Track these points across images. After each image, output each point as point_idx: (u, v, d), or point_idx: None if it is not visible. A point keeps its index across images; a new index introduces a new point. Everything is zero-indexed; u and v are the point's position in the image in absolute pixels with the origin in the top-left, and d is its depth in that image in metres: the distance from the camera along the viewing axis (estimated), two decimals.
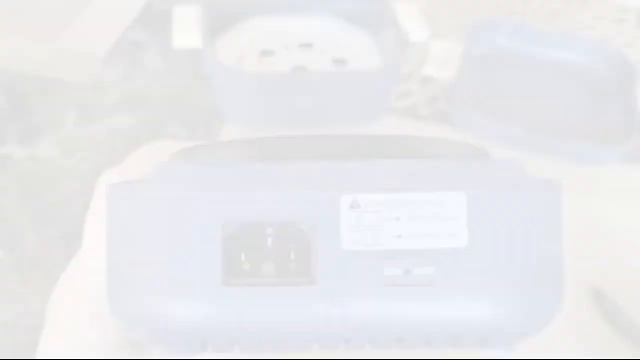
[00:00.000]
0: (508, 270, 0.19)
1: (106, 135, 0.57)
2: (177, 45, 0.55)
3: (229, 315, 0.19)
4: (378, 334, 0.20)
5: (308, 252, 0.20)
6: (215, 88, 0.58)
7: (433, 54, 0.63)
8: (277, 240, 0.20)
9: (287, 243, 0.20)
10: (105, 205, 0.23)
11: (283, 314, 0.19)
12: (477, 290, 0.19)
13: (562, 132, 0.60)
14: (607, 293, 0.46)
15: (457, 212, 0.19)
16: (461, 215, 0.19)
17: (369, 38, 0.66)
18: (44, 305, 0.44)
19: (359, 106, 0.57)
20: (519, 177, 0.21)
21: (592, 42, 0.69)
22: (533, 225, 0.20)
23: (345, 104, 0.56)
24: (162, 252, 0.20)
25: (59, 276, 0.46)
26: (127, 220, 0.21)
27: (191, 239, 0.19)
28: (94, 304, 0.26)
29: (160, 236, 0.20)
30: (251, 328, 0.20)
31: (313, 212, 0.19)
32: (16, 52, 0.66)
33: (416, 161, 0.20)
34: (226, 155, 0.22)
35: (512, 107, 0.64)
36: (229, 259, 0.19)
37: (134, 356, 0.27)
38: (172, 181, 0.20)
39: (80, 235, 0.49)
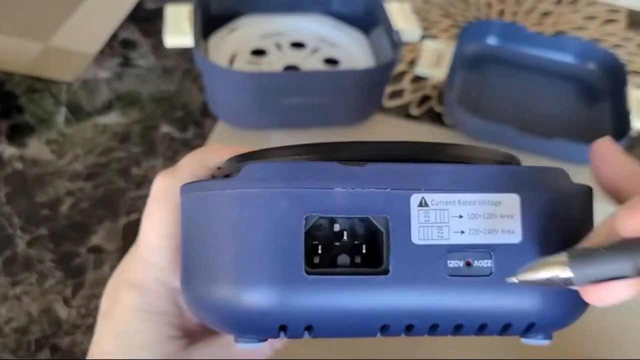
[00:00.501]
0: None
1: (97, 134, 0.57)
2: (169, 44, 0.55)
3: (308, 302, 0.21)
4: (441, 320, 0.22)
5: (380, 245, 0.22)
6: (207, 87, 0.59)
7: (425, 54, 0.63)
8: (352, 233, 0.22)
9: (361, 237, 0.22)
10: (182, 203, 0.25)
11: (357, 301, 0.21)
12: (528, 286, 0.21)
13: (552, 132, 0.60)
14: None
15: (512, 211, 0.22)
16: (516, 214, 0.22)
17: (361, 38, 0.66)
18: (33, 306, 0.44)
19: (351, 106, 0.57)
20: (563, 180, 0.24)
21: (582, 43, 0.69)
22: (574, 225, 0.23)
23: (338, 103, 0.56)
24: (245, 245, 0.21)
25: (49, 276, 0.46)
26: (207, 216, 0.23)
27: (274, 232, 0.21)
28: (150, 298, 0.27)
29: (243, 230, 0.21)
30: (328, 314, 0.22)
31: (385, 208, 0.22)
32: (6, 50, 0.65)
33: (475, 166, 0.23)
34: (294, 155, 0.24)
35: (503, 106, 0.64)
36: (310, 251, 0.21)
37: (186, 350, 0.28)
38: (253, 178, 0.22)
39: (69, 234, 0.49)
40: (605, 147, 0.25)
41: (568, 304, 0.23)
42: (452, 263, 0.22)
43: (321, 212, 0.21)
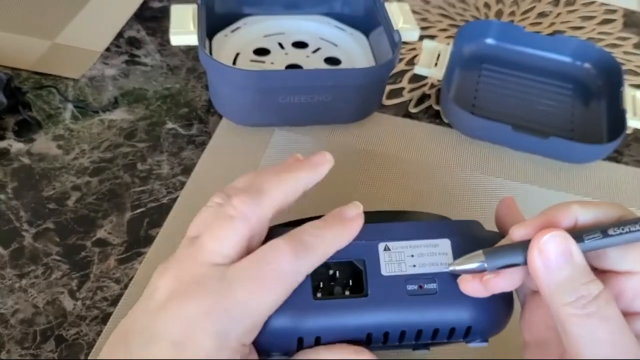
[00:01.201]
0: None
1: (103, 130, 0.58)
2: (174, 42, 0.55)
3: (316, 318, 0.31)
4: (406, 327, 0.31)
5: (361, 278, 0.31)
6: (211, 85, 0.59)
7: (424, 54, 0.63)
8: (341, 272, 0.32)
9: (347, 274, 0.32)
10: None
11: (348, 315, 0.31)
12: (462, 297, 0.30)
13: (548, 131, 0.61)
14: None
15: (446, 250, 0.32)
16: (449, 252, 0.32)
17: (361, 38, 0.67)
18: (39, 298, 0.45)
19: (351, 104, 0.58)
20: (478, 228, 0.34)
21: (578, 43, 0.70)
22: None
23: (338, 102, 0.57)
24: None
25: (55, 269, 0.47)
26: None
27: None
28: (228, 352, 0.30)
29: None
30: (330, 325, 0.31)
31: (362, 254, 0.32)
32: (14, 47, 0.66)
33: (419, 222, 0.34)
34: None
35: (500, 105, 0.65)
36: (314, 285, 0.31)
37: None
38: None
39: (75, 228, 0.50)
40: (506, 203, 0.35)
41: (494, 312, 0.32)
42: (410, 287, 0.31)
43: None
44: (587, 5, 0.84)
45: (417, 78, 0.67)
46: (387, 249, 0.32)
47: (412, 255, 0.32)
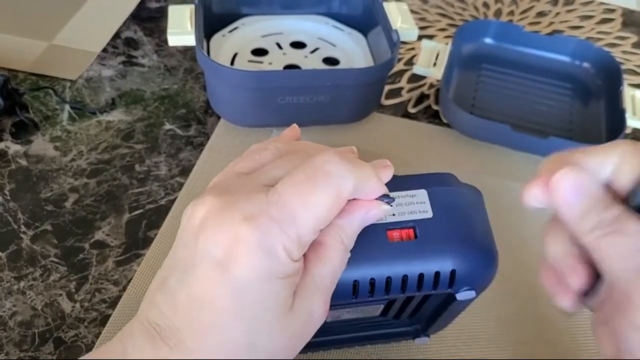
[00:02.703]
0: (459, 229, 0.32)
1: (101, 131, 0.58)
2: (171, 43, 0.55)
3: None
4: (391, 273, 0.31)
5: None
6: (209, 85, 0.59)
7: (422, 53, 0.63)
8: None
9: None
10: None
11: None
12: (443, 241, 0.32)
13: (547, 131, 0.61)
14: None
15: (424, 199, 0.33)
16: (426, 201, 0.33)
17: (359, 37, 0.67)
18: (38, 300, 0.45)
19: (350, 104, 0.58)
20: (453, 179, 0.35)
21: (577, 42, 0.70)
22: (467, 206, 0.33)
23: (337, 102, 0.57)
24: None
25: (53, 271, 0.47)
26: None
27: None
28: (278, 266, 0.28)
29: None
30: None
31: None
32: (11, 48, 0.66)
33: (397, 176, 0.33)
34: None
35: (499, 105, 0.64)
36: None
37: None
38: None
39: (73, 230, 0.50)
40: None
41: (477, 257, 0.32)
42: (391, 234, 0.32)
43: None
44: (585, 4, 0.84)
45: (415, 78, 0.67)
46: None
47: (391, 206, 0.33)
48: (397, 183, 0.33)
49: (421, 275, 0.32)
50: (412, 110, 0.64)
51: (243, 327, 0.27)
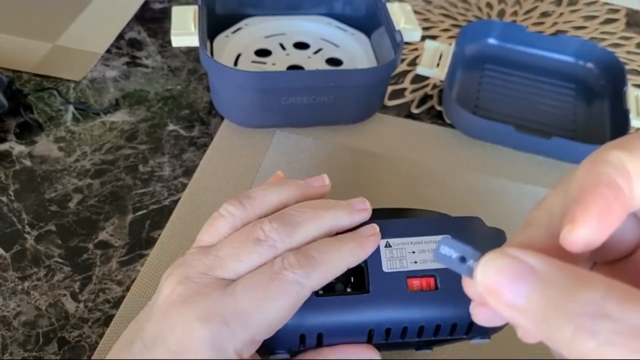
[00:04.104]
0: None
1: (105, 132, 0.58)
2: (175, 44, 0.55)
3: (318, 315, 0.30)
4: (408, 324, 0.31)
5: (363, 274, 0.31)
6: (212, 86, 0.59)
7: (426, 54, 0.63)
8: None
9: (349, 271, 0.31)
10: None
11: (350, 311, 0.31)
12: (464, 293, 0.29)
13: (551, 131, 0.61)
14: None
15: None
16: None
17: (363, 38, 0.67)
18: (42, 300, 0.45)
19: (353, 105, 0.58)
20: (479, 225, 0.34)
21: (581, 42, 0.69)
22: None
23: (340, 103, 0.57)
24: None
25: (57, 271, 0.47)
26: None
27: None
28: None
29: None
30: (332, 322, 0.31)
31: None
32: (15, 49, 0.66)
33: (420, 219, 0.34)
34: None
35: (503, 106, 0.64)
36: None
37: None
38: None
39: (77, 230, 0.50)
40: None
41: None
42: (411, 283, 0.31)
43: None
44: (589, 4, 0.84)
45: (419, 78, 0.67)
46: (388, 245, 0.32)
47: (413, 252, 0.32)
48: (422, 226, 0.33)
49: (438, 326, 0.31)
50: (415, 111, 0.64)
51: None
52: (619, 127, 0.59)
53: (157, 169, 0.55)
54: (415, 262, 0.31)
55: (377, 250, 0.32)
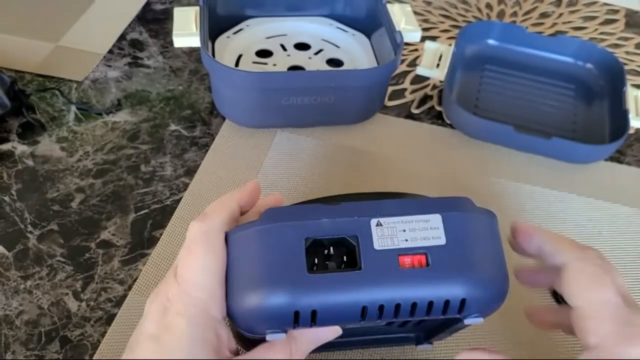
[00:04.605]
0: (472, 258, 0.32)
1: (107, 132, 0.58)
2: (177, 45, 0.56)
3: (312, 292, 0.31)
4: (401, 300, 0.31)
5: (354, 252, 0.32)
6: (214, 87, 0.59)
7: (426, 55, 0.63)
8: (335, 248, 0.32)
9: (341, 249, 0.32)
10: (230, 243, 0.33)
11: (343, 289, 0.31)
12: (455, 270, 0.31)
13: (551, 131, 0.61)
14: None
15: (437, 225, 0.32)
16: (440, 227, 0.32)
17: (363, 39, 0.67)
18: (44, 299, 0.45)
19: (353, 105, 0.58)
20: (469, 204, 0.34)
21: (581, 43, 0.70)
22: (481, 232, 0.33)
23: (341, 103, 0.57)
24: (268, 261, 0.31)
25: (59, 270, 0.47)
26: (244, 247, 0.32)
27: (286, 251, 0.31)
28: (198, 328, 0.32)
29: (265, 252, 0.31)
30: (325, 299, 0.31)
31: (355, 230, 0.32)
32: (18, 50, 0.66)
33: (410, 199, 0.34)
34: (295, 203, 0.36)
35: (502, 106, 0.65)
36: (309, 260, 0.31)
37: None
38: (270, 218, 0.32)
39: (79, 230, 0.50)
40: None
41: (489, 286, 0.32)
42: (402, 260, 0.31)
43: (314, 236, 0.32)
44: (589, 5, 0.84)
45: (419, 79, 0.68)
46: (379, 224, 0.32)
47: (404, 230, 0.32)
48: (412, 206, 0.33)
49: (431, 303, 0.31)
50: (415, 111, 0.64)
51: None
52: (619, 127, 0.59)
53: (158, 168, 0.55)
54: (407, 240, 0.32)
55: (369, 229, 0.32)
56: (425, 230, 0.32)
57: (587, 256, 0.34)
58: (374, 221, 0.32)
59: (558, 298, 0.48)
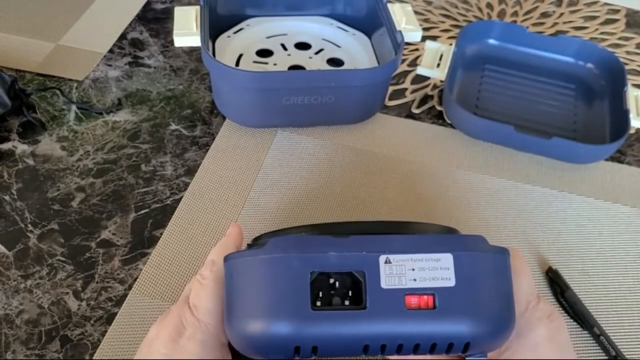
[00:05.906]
0: (480, 301, 0.31)
1: (107, 131, 0.58)
2: (177, 44, 0.56)
3: (314, 328, 0.30)
4: (404, 341, 0.31)
5: (360, 290, 0.31)
6: (214, 86, 0.59)
7: (426, 54, 0.63)
8: (341, 282, 0.31)
9: (347, 284, 0.32)
10: (226, 268, 0.34)
11: (346, 327, 0.31)
12: (462, 313, 0.30)
13: (551, 131, 0.61)
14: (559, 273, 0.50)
15: (448, 265, 0.31)
16: (450, 267, 0.31)
17: (364, 39, 0.67)
18: (44, 299, 0.45)
19: (354, 105, 0.58)
20: (482, 243, 0.33)
21: (581, 43, 0.70)
22: (493, 273, 0.32)
23: (341, 103, 0.57)
24: (270, 292, 0.31)
25: (59, 270, 0.47)
26: (246, 275, 0.32)
27: (290, 283, 0.31)
28: (209, 351, 0.34)
29: (269, 282, 0.31)
30: (327, 337, 0.31)
31: (362, 265, 0.31)
32: (18, 49, 0.66)
33: (421, 235, 0.33)
34: (302, 232, 0.34)
35: (503, 106, 0.65)
36: (314, 295, 0.31)
37: None
38: (276, 248, 0.32)
39: (79, 229, 0.50)
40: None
41: (494, 329, 0.32)
42: (409, 301, 0.31)
43: (320, 269, 0.31)
44: (590, 5, 0.84)
45: (419, 79, 0.68)
46: (388, 261, 0.32)
47: (413, 269, 0.31)
48: (424, 243, 0.32)
49: (434, 344, 0.31)
50: (415, 111, 0.64)
51: None
52: (619, 127, 0.59)
53: (159, 168, 0.55)
54: (415, 280, 0.31)
55: (377, 266, 0.31)
56: (435, 270, 0.31)
57: None
58: (382, 258, 0.32)
59: (553, 282, 0.49)
